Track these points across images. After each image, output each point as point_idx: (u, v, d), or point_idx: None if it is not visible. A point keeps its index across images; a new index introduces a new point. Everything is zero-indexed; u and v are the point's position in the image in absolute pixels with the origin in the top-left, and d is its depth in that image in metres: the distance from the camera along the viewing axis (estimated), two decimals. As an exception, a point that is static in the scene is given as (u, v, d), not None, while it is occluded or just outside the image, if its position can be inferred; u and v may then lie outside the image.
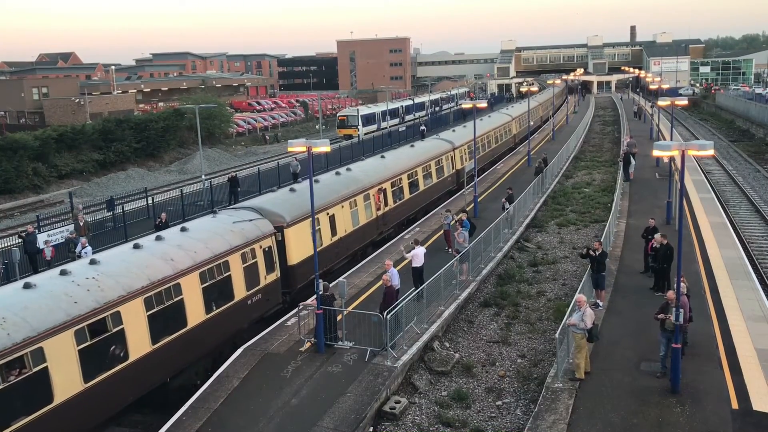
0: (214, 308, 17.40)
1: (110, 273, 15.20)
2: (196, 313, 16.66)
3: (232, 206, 25.24)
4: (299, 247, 21.53)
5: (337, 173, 28.00)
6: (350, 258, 25.70)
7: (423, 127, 68.34)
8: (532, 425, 14.17)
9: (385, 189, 28.92)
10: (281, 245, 20.92)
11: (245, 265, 18.80)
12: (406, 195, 31.15)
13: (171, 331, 15.91)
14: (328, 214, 23.93)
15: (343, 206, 25.10)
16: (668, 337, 15.49)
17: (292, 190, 24.71)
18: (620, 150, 49.46)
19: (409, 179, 31.69)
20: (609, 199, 35.66)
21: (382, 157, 32.55)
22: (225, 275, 17.93)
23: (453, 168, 38.61)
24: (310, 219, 18.94)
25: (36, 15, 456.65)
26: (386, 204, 28.90)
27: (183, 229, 18.65)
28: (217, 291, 17.62)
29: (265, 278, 19.75)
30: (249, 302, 18.94)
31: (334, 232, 24.25)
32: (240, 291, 18.49)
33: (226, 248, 18.23)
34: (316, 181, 23.87)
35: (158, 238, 17.75)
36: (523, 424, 14.85)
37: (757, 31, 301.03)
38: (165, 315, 15.79)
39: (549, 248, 28.95)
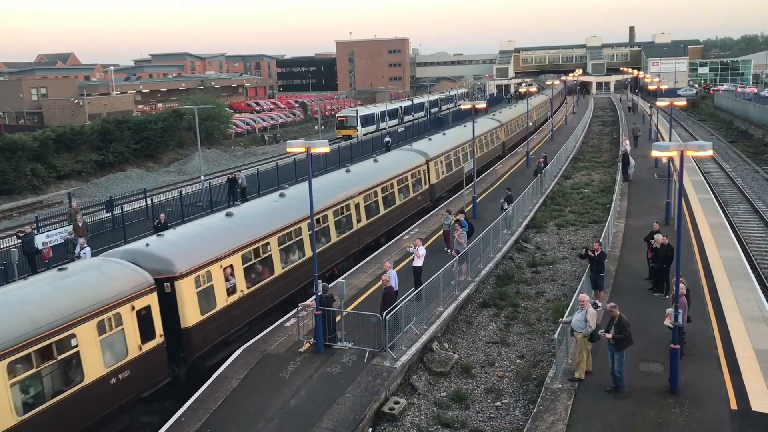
0: None
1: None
2: None
3: None
4: None
5: None
6: None
7: (388, 139, 58.66)
8: (531, 426, 14.18)
9: None
10: None
11: None
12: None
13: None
14: None
15: None
16: (612, 350, 15.32)
17: None
18: (619, 150, 49.49)
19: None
20: (608, 199, 35.66)
21: None
22: None
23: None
24: None
25: (35, 15, 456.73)
26: None
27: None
28: None
29: None
30: None
31: None
32: None
33: None
34: None
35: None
36: (522, 425, 14.85)
37: (756, 32, 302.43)
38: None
39: (548, 249, 28.96)
